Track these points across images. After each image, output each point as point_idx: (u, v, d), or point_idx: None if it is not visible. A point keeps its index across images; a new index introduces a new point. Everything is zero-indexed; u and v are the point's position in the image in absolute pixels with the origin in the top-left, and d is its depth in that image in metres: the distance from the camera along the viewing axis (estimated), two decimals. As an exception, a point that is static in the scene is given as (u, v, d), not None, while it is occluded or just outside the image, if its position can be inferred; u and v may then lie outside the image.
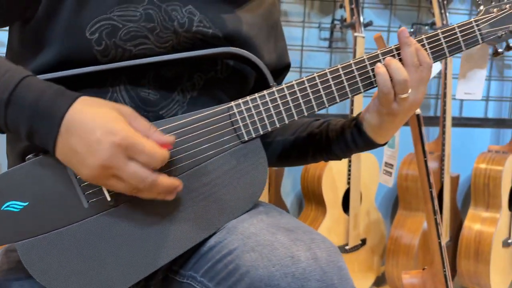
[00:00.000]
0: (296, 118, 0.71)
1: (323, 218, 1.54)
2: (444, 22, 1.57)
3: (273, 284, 0.54)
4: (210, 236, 0.66)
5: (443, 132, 1.62)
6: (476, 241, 1.68)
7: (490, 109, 1.92)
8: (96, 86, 0.67)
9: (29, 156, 0.63)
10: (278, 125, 0.70)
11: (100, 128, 0.56)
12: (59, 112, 0.57)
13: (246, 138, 0.68)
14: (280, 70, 0.86)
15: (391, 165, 1.17)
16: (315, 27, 1.72)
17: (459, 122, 1.89)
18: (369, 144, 0.77)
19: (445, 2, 1.58)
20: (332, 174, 1.54)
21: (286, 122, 0.70)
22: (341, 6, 1.55)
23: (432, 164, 1.62)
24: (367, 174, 1.62)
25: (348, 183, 1.57)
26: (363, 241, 1.64)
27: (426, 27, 1.72)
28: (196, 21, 0.69)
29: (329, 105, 0.73)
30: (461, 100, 1.87)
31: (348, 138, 0.77)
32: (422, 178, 0.94)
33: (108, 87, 0.67)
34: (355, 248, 1.61)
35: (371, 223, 1.67)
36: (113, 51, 0.64)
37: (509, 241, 1.75)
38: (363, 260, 1.66)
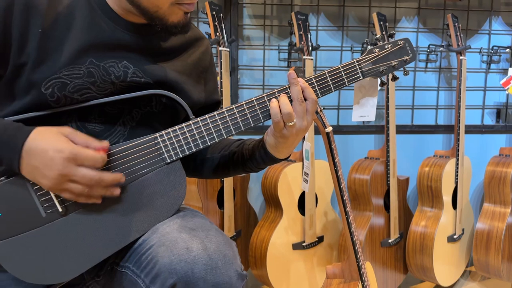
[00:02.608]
0: (209, 143, 0.91)
1: (280, 218, 1.75)
2: (378, 42, 1.76)
3: (172, 268, 0.75)
4: (141, 236, 0.87)
5: (388, 140, 1.81)
6: (421, 237, 1.87)
7: (440, 117, 2.11)
8: (53, 123, 0.88)
9: (1, 179, 0.85)
10: (194, 150, 0.91)
11: (51, 149, 0.78)
12: (19, 142, 0.79)
13: (168, 161, 0.89)
14: (211, 105, 1.07)
15: (307, 174, 1.37)
16: (275, 49, 1.92)
17: (412, 129, 2.08)
18: (272, 160, 0.97)
19: (387, 24, 1.77)
20: (288, 179, 1.74)
21: (201, 147, 0.91)
22: (292, 33, 1.75)
23: (379, 168, 1.82)
24: (322, 178, 1.81)
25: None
26: (320, 239, 1.84)
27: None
28: (130, 73, 0.90)
29: (236, 132, 0.94)
30: (412, 109, 2.06)
31: (257, 156, 0.98)
32: (335, 184, 1.14)
33: (63, 124, 0.89)
34: (312, 245, 1.80)
35: (328, 222, 1.86)
36: (63, 100, 0.86)
37: (455, 236, 1.94)
38: (321, 255, 1.85)
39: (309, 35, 1.73)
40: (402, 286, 2.14)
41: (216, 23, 1.69)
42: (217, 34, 1.68)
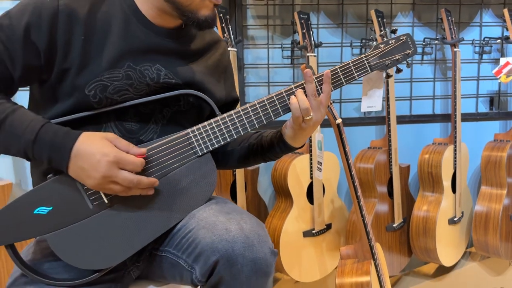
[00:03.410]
0: (235, 136, 1.01)
1: (291, 208, 1.84)
2: (385, 38, 1.86)
3: (214, 247, 0.84)
4: (178, 222, 0.96)
5: (389, 130, 1.91)
6: (424, 220, 1.97)
7: (437, 106, 2.21)
8: (94, 123, 0.97)
9: (49, 175, 0.93)
10: (222, 143, 1.00)
11: (98, 153, 0.86)
12: (68, 145, 0.87)
13: (200, 154, 0.99)
14: (230, 103, 1.16)
15: (320, 163, 1.46)
16: (278, 47, 2.02)
17: (410, 119, 2.18)
18: (290, 149, 1.07)
19: (384, 20, 1.87)
20: (297, 170, 1.84)
21: (228, 140, 1.00)
22: (295, 31, 1.84)
23: (381, 157, 1.92)
24: (329, 169, 1.91)
25: (311, 177, 1.87)
26: (328, 226, 1.94)
27: (371, 42, 2.01)
28: (163, 75, 0.99)
29: (259, 126, 1.04)
30: (410, 100, 2.17)
31: (276, 146, 1.08)
32: (346, 171, 1.23)
33: (102, 123, 0.97)
34: (321, 232, 1.90)
35: (335, 210, 1.96)
36: (104, 101, 0.94)
37: (455, 219, 2.04)
38: (330, 241, 1.95)
39: (311, 33, 1.82)
40: (406, 269, 2.25)
41: (223, 25, 1.77)
42: (225, 35, 1.76)
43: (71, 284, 0.93)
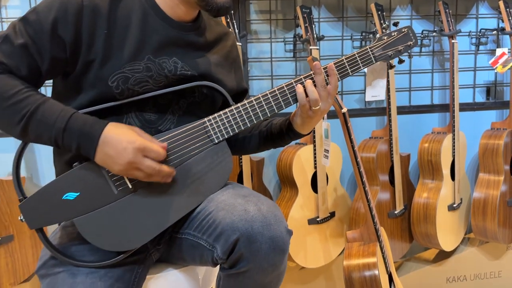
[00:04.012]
0: (249, 125, 1.06)
1: (296, 197, 1.90)
2: (387, 31, 1.92)
3: (234, 226, 0.90)
4: (197, 206, 1.02)
5: (390, 120, 1.97)
6: (424, 207, 2.04)
7: (435, 97, 2.28)
8: (116, 114, 1.02)
9: (75, 163, 0.98)
10: (237, 131, 1.06)
11: (125, 140, 0.92)
12: (97, 133, 0.93)
13: (216, 141, 1.04)
14: (240, 93, 1.22)
15: (327, 150, 1.53)
16: (281, 41, 2.07)
17: (410, 110, 2.24)
18: (298, 135, 1.14)
19: (384, 13, 1.93)
20: (301, 161, 1.90)
21: (242, 128, 1.06)
22: (298, 25, 1.90)
23: (383, 147, 1.98)
24: (331, 159, 1.97)
25: (315, 167, 1.93)
26: (332, 214, 2.00)
27: (371, 35, 2.07)
28: (179, 68, 1.05)
29: (271, 115, 1.09)
30: (410, 91, 2.23)
31: (285, 133, 1.14)
32: (352, 158, 1.29)
33: (124, 114, 1.03)
34: (325, 220, 1.97)
35: (338, 198, 2.02)
36: (126, 92, 1.00)
37: (454, 205, 2.11)
38: (334, 228, 2.01)
39: (314, 27, 1.88)
40: (407, 255, 2.32)
41: (228, 20, 1.83)
42: (230, 30, 1.82)
43: (98, 265, 0.99)
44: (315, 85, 1.05)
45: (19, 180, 0.97)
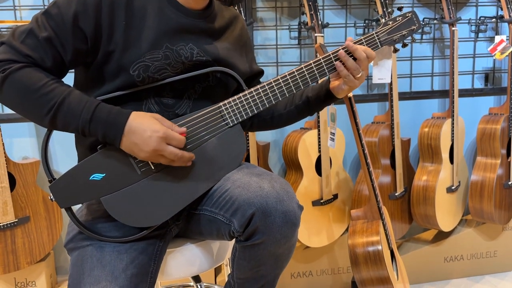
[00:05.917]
0: (261, 109, 1.13)
1: (301, 179, 1.98)
2: (387, 17, 1.97)
3: (250, 202, 0.97)
4: (213, 185, 1.09)
5: (391, 106, 2.04)
6: (424, 189, 2.12)
7: (435, 83, 2.34)
8: (136, 99, 1.08)
9: (100, 146, 1.05)
10: (250, 115, 1.13)
11: (149, 129, 0.98)
12: (122, 123, 0.98)
13: (231, 124, 1.11)
14: (254, 75, 1.28)
15: (333, 133, 1.60)
16: (286, 28, 2.13)
17: (411, 95, 2.31)
18: (333, 99, 1.23)
19: (387, 1, 1.98)
20: (306, 145, 1.97)
21: (255, 112, 1.13)
22: (303, 13, 1.95)
23: (384, 132, 2.05)
24: (336, 143, 2.05)
25: (319, 151, 2.00)
26: (335, 196, 2.08)
27: (374, 23, 2.12)
28: (195, 54, 1.11)
29: (282, 98, 1.15)
30: (410, 77, 2.29)
31: (323, 100, 1.24)
32: (357, 141, 1.36)
33: (143, 99, 1.09)
34: (329, 201, 2.05)
35: (340, 181, 2.10)
36: (147, 79, 1.06)
37: (453, 188, 2.19)
38: (336, 210, 2.09)
39: (319, 14, 1.93)
40: (407, 235, 2.41)
41: (235, 8, 1.88)
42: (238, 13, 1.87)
43: (123, 240, 1.06)
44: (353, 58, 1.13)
45: (48, 163, 1.04)
